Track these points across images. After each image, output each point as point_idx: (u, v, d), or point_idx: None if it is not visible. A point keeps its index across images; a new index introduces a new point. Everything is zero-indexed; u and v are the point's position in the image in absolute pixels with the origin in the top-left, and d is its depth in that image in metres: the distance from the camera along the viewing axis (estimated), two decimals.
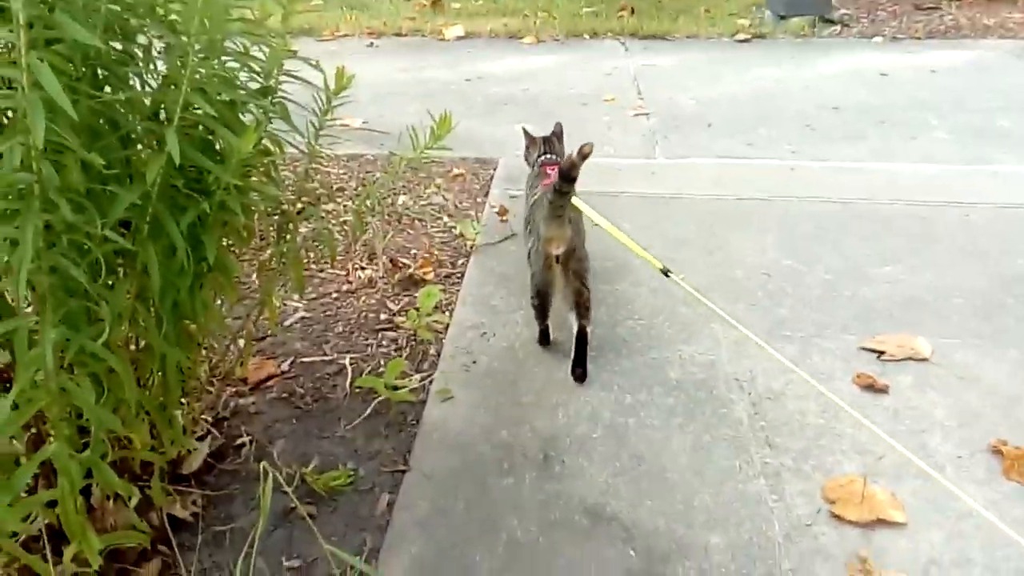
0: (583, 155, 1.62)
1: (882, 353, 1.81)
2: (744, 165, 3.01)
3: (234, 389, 1.68)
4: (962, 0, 5.89)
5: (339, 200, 2.68)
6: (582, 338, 1.76)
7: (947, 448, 1.52)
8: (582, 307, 1.78)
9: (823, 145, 3.23)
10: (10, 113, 0.96)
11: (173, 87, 1.01)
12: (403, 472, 1.49)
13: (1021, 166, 2.97)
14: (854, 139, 3.31)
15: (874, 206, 2.58)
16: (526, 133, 2.27)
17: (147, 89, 1.07)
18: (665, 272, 1.68)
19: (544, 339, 1.87)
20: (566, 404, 1.66)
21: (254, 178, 1.17)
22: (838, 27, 5.30)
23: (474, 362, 1.81)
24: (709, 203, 2.64)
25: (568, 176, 1.67)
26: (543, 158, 2.13)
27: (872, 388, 1.70)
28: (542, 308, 1.84)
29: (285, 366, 1.79)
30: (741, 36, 5.16)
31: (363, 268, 2.22)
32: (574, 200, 1.74)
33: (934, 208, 2.55)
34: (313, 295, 2.09)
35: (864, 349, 1.83)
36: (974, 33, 5.13)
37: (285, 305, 2.02)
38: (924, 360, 1.79)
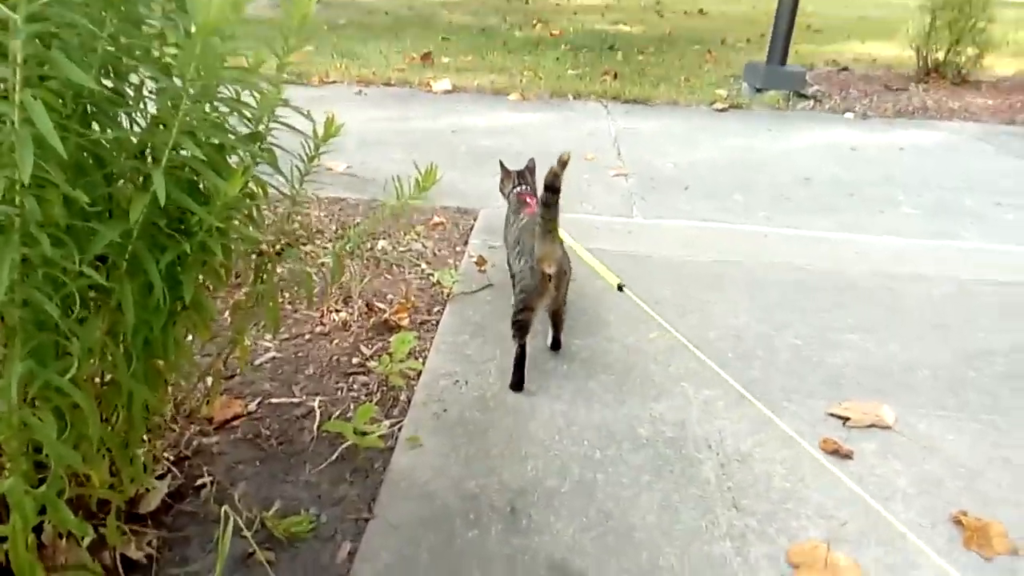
0: (563, 163, 1.78)
1: (847, 420, 1.84)
2: (719, 229, 3.09)
3: (198, 428, 1.65)
4: (929, 83, 6.17)
5: (318, 242, 2.69)
6: (556, 342, 2.08)
7: (909, 515, 1.54)
8: (560, 319, 2.06)
9: (795, 214, 3.33)
10: None
11: (162, 128, 1.03)
12: (367, 520, 1.46)
13: (983, 243, 3.08)
14: (825, 210, 3.41)
15: (843, 276, 2.65)
16: (502, 166, 2.43)
17: (135, 128, 1.09)
18: (620, 287, 1.92)
19: (519, 365, 1.92)
20: (536, 457, 1.66)
21: (236, 220, 1.18)
22: (811, 102, 5.51)
23: (445, 410, 1.80)
24: (684, 264, 2.69)
25: (553, 187, 1.83)
26: (517, 189, 2.32)
27: (837, 453, 1.72)
28: (526, 324, 1.93)
29: (252, 406, 1.77)
30: (719, 105, 5.34)
31: (338, 311, 2.22)
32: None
33: (900, 280, 2.63)
34: (285, 335, 2.08)
35: (831, 415, 1.86)
36: (940, 115, 5.36)
37: (256, 345, 2.01)
38: (888, 428, 1.82)
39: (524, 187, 2.33)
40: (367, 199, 3.14)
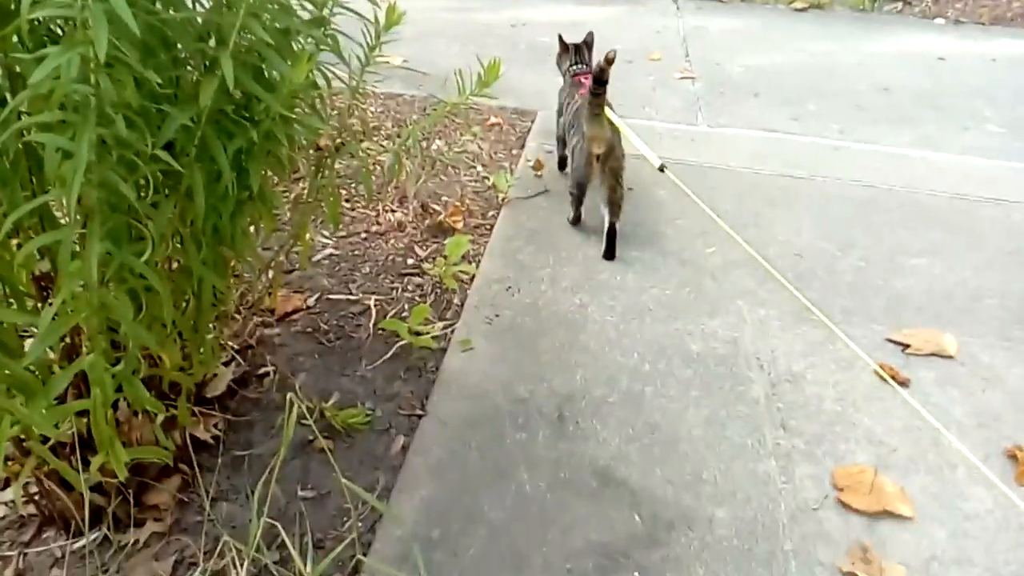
0: (609, 61, 1.91)
1: (908, 346, 1.79)
2: (788, 141, 2.95)
3: (260, 319, 1.70)
4: None
5: (375, 139, 2.66)
6: (612, 232, 2.07)
7: (963, 447, 1.51)
8: (614, 204, 2.07)
9: (870, 127, 3.15)
10: (63, 24, 0.96)
11: (228, 10, 1.00)
12: (419, 417, 1.51)
13: None
14: (903, 124, 3.21)
15: (916, 195, 2.52)
16: (560, 40, 2.44)
17: (198, 9, 1.06)
18: (661, 168, 1.94)
19: (577, 220, 2.20)
20: (585, 366, 1.67)
21: (300, 109, 1.16)
22: (899, 4, 5.10)
23: (497, 315, 1.82)
24: (748, 176, 2.59)
25: (600, 80, 1.95)
26: (574, 68, 2.35)
27: (894, 380, 1.69)
28: (579, 198, 2.15)
29: (311, 301, 1.81)
30: (798, 4, 4.98)
31: (393, 211, 2.22)
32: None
33: (977, 203, 2.49)
34: (343, 233, 2.09)
35: (890, 341, 1.81)
36: None
37: (314, 241, 2.03)
38: (949, 357, 1.77)
39: (581, 65, 2.35)
40: (423, 95, 3.06)
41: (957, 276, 2.09)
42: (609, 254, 2.06)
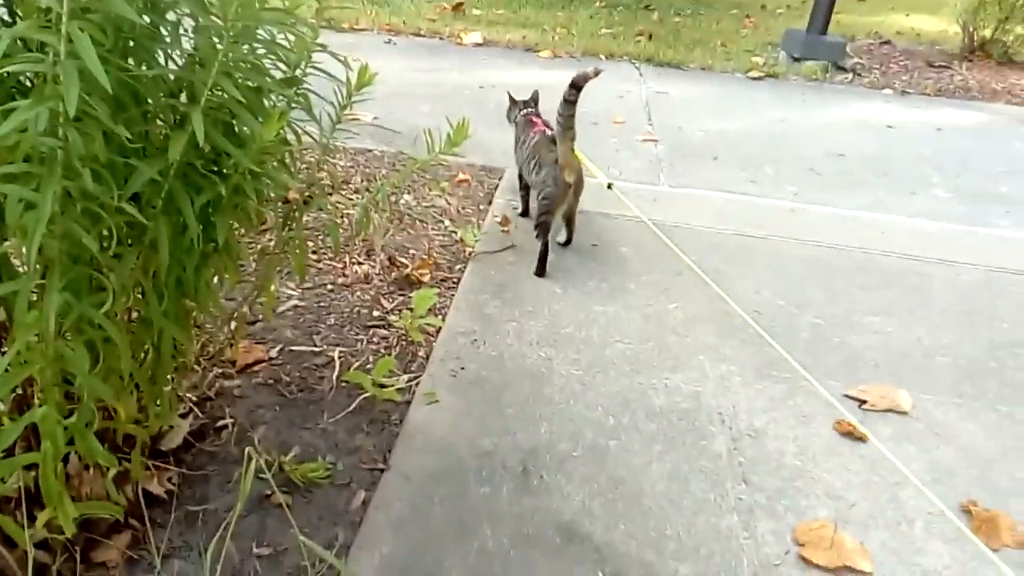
0: (596, 72, 2.18)
1: (864, 402, 1.83)
2: (746, 202, 3.05)
3: (221, 370, 1.68)
4: (973, 62, 5.99)
5: (343, 192, 2.69)
6: (568, 243, 2.44)
7: (919, 503, 1.54)
8: (573, 222, 2.42)
9: (825, 191, 3.27)
10: (32, 76, 0.97)
11: (200, 67, 1.02)
12: (382, 471, 1.49)
13: (1017, 232, 3.02)
14: (856, 188, 3.35)
15: (870, 256, 2.62)
16: (510, 96, 2.69)
17: (170, 66, 1.08)
18: (609, 186, 2.35)
19: (544, 252, 2.27)
20: (550, 419, 1.67)
21: (270, 164, 1.17)
22: (850, 75, 5.37)
23: (463, 368, 1.82)
24: (709, 235, 2.66)
25: (577, 85, 2.19)
26: (525, 110, 2.58)
27: (851, 436, 1.72)
28: (548, 225, 2.27)
29: (274, 352, 1.79)
30: (754, 73, 5.22)
31: (360, 263, 2.23)
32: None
33: (928, 264, 2.59)
34: (308, 285, 2.09)
35: (847, 396, 1.85)
36: (982, 96, 5.21)
37: (279, 292, 2.02)
38: (904, 414, 1.82)
39: (530, 110, 2.58)
40: (393, 151, 3.11)
41: (911, 334, 2.15)
42: (541, 271, 2.26)
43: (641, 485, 1.52)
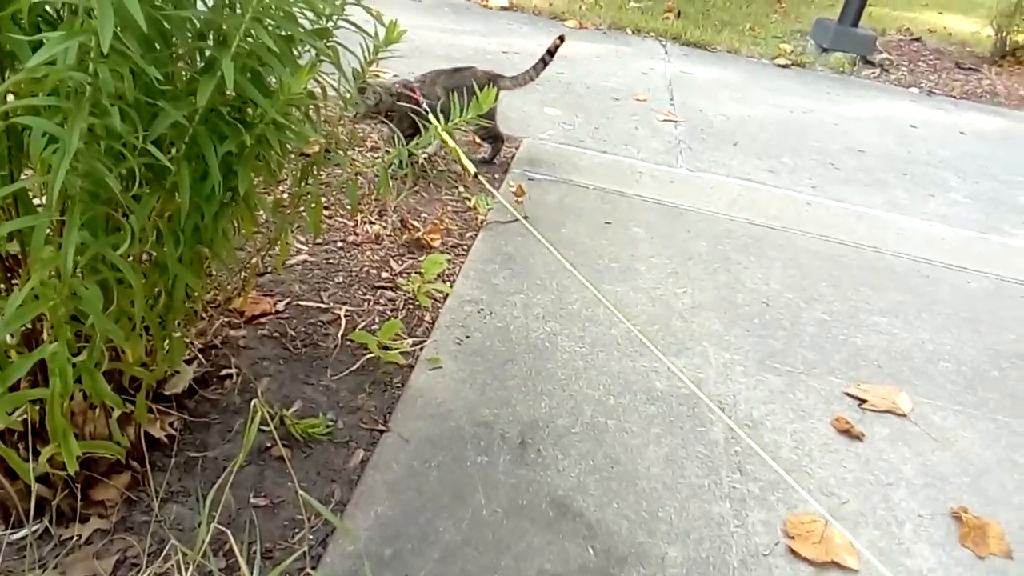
0: (561, 39, 2.63)
1: (864, 401, 1.84)
2: (763, 191, 3.02)
3: (227, 320, 1.68)
4: (1003, 67, 5.90)
5: (360, 150, 2.66)
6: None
7: (910, 505, 1.55)
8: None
9: (843, 186, 3.25)
10: (59, 9, 0.95)
11: (232, 11, 1.00)
12: (381, 432, 1.50)
13: None
14: (874, 186, 3.32)
15: (881, 256, 2.60)
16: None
17: (199, 7, 1.06)
18: (476, 175, 2.42)
19: None
20: (550, 394, 1.68)
21: (293, 116, 1.16)
22: (877, 70, 5.30)
23: (467, 336, 1.82)
24: (722, 222, 2.65)
25: (553, 52, 2.66)
26: (400, 81, 2.56)
27: (848, 434, 1.73)
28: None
29: (281, 306, 1.79)
30: (782, 61, 5.15)
31: (372, 223, 2.22)
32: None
33: (939, 268, 2.58)
34: (319, 241, 2.08)
35: (847, 394, 1.86)
36: (1009, 102, 5.14)
37: (290, 247, 2.01)
38: (903, 416, 1.82)
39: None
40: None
41: (915, 337, 2.15)
42: None
43: (636, 466, 1.53)
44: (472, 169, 2.35)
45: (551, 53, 2.70)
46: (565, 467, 1.49)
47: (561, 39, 2.58)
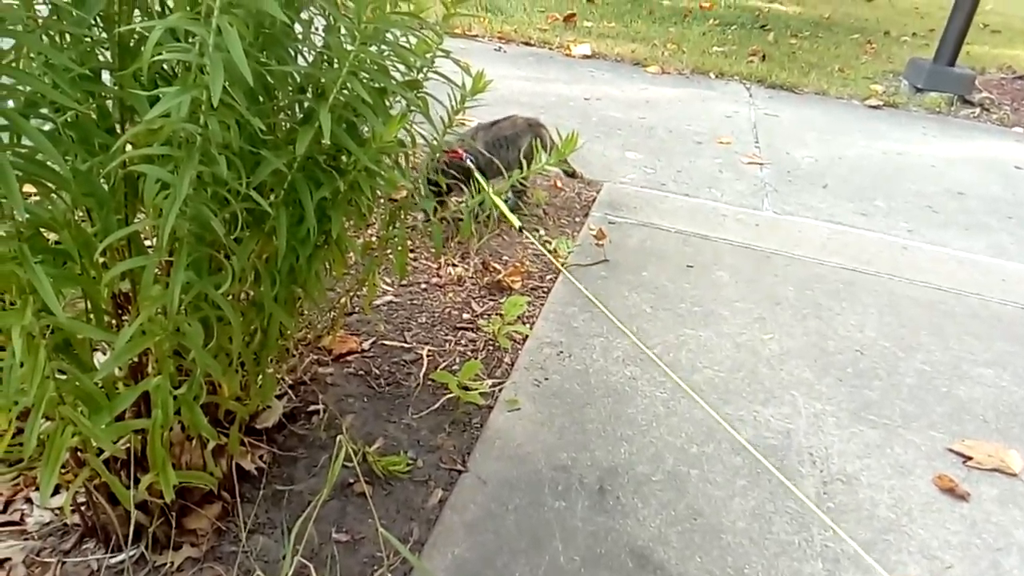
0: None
1: (969, 459, 1.72)
2: (855, 234, 2.91)
3: (316, 357, 1.74)
4: None
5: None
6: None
7: (1023, 573, 1.43)
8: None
9: (941, 230, 3.09)
10: (174, 65, 1.03)
11: (328, 66, 1.06)
12: (460, 472, 1.50)
13: None
14: (975, 230, 3.15)
15: (985, 303, 2.45)
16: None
17: (299, 62, 1.13)
18: (521, 229, 2.39)
19: None
20: (630, 440, 1.65)
21: (384, 163, 1.21)
22: (977, 110, 5.06)
23: (547, 379, 1.81)
24: (812, 267, 2.56)
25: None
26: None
27: (952, 492, 1.61)
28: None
29: (366, 345, 1.84)
30: (873, 101, 4.99)
31: (454, 265, 2.26)
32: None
33: None
34: (404, 282, 2.14)
35: (951, 450, 1.74)
36: None
37: (377, 287, 2.08)
38: (1013, 475, 1.69)
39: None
40: None
41: None
42: None
43: (721, 519, 1.47)
44: (517, 224, 2.36)
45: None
46: (645, 516, 1.45)
47: None
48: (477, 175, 2.26)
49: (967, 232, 3.10)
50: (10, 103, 0.85)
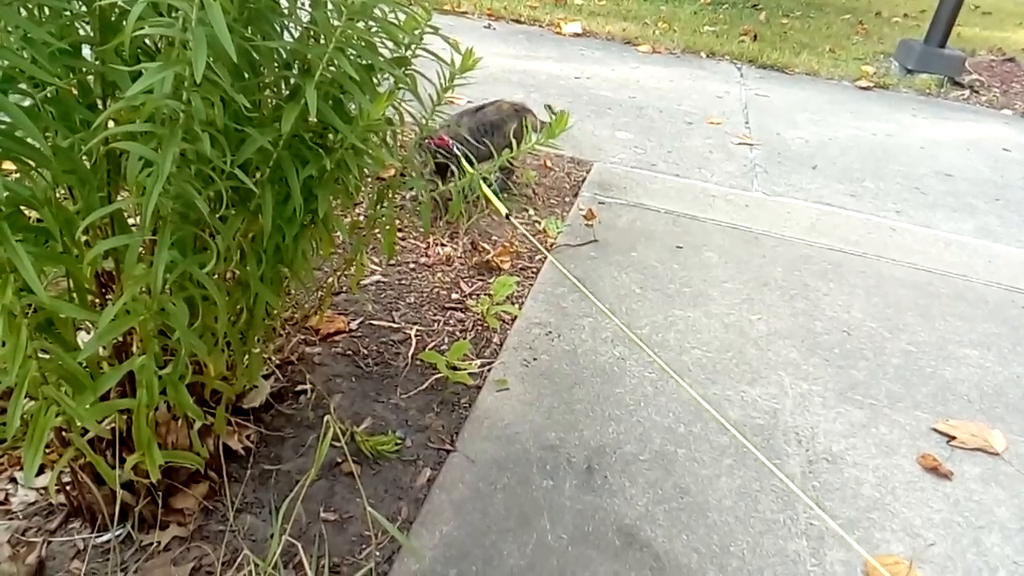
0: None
1: (953, 438, 1.74)
2: (843, 215, 2.92)
3: (303, 336, 1.73)
4: None
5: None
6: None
7: (1004, 551, 1.45)
8: None
9: (930, 211, 3.11)
10: (157, 41, 1.01)
11: (315, 41, 1.04)
12: (448, 452, 1.51)
13: None
14: (963, 211, 3.16)
15: (971, 285, 2.47)
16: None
17: (285, 38, 1.11)
18: (508, 216, 2.35)
19: None
20: (618, 420, 1.65)
21: (372, 141, 1.19)
22: (967, 92, 5.07)
23: (535, 359, 1.82)
24: (800, 248, 2.57)
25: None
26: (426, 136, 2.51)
27: (936, 472, 1.63)
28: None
29: (354, 324, 1.84)
30: (863, 83, 4.99)
31: (443, 245, 2.25)
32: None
33: None
34: (392, 262, 2.13)
35: (935, 430, 1.76)
36: None
37: (364, 267, 2.06)
38: (996, 455, 1.71)
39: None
40: None
41: (1009, 372, 2.02)
42: None
43: (707, 497, 1.48)
44: (504, 211, 2.34)
45: None
46: (633, 495, 1.46)
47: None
48: (463, 162, 2.24)
49: (955, 214, 3.12)
50: None
